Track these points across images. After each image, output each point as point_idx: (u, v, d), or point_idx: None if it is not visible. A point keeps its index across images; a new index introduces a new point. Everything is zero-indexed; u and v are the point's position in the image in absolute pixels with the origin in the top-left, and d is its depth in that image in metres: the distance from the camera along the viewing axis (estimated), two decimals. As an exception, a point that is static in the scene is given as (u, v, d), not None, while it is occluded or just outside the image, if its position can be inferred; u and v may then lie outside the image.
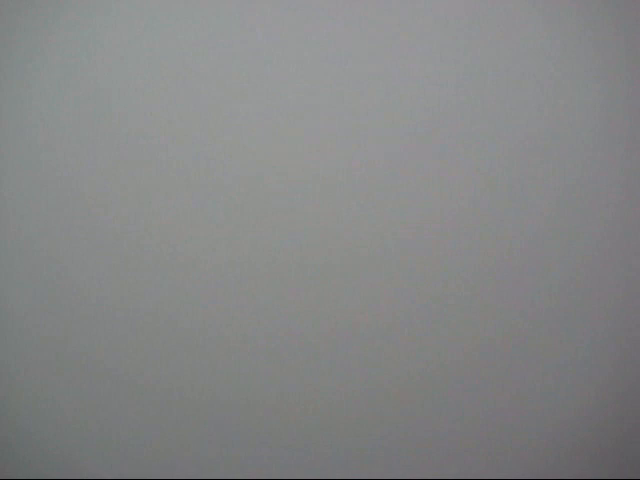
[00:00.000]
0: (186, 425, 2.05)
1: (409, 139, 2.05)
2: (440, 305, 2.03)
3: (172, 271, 2.06)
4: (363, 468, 2.03)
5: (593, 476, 2.01)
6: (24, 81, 2.09)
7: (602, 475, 2.01)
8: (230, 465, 2.05)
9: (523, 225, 2.03)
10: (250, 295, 2.05)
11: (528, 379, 2.02)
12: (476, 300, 2.03)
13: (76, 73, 2.09)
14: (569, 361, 2.02)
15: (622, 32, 2.04)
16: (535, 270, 2.03)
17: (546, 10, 2.05)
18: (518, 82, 2.04)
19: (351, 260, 2.04)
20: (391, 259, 2.04)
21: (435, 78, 2.05)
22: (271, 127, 2.06)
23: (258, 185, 2.06)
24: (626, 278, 2.02)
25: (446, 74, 2.05)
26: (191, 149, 2.07)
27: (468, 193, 2.04)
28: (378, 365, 2.03)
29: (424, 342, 2.03)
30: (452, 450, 2.02)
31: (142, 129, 2.08)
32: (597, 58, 2.04)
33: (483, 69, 2.05)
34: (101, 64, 2.09)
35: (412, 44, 2.06)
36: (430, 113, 2.05)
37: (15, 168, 2.09)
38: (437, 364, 2.03)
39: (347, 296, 2.04)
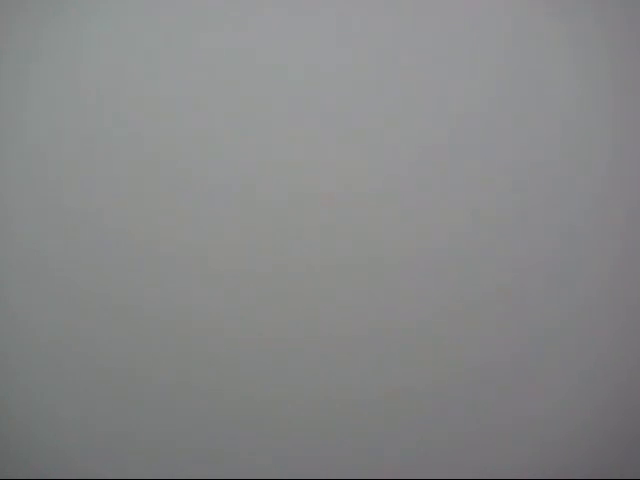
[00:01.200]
0: (188, 425, 2.05)
1: (419, 149, 2.05)
2: (447, 313, 2.03)
3: (174, 270, 2.06)
4: (364, 469, 2.04)
5: (593, 476, 2.01)
6: (22, 81, 2.09)
7: (602, 475, 2.01)
8: (232, 465, 2.05)
9: (534, 240, 2.03)
10: (255, 296, 2.05)
11: (531, 383, 2.02)
12: (484, 309, 2.03)
13: (75, 73, 2.09)
14: (574, 366, 2.02)
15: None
16: (546, 282, 2.03)
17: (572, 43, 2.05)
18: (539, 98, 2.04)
19: (357, 266, 2.04)
20: (402, 267, 2.04)
21: (449, 91, 2.05)
22: (273, 130, 2.06)
23: (261, 187, 2.06)
24: (630, 295, 2.02)
25: (462, 86, 2.05)
26: (193, 150, 2.07)
27: (478, 206, 2.04)
28: (383, 368, 2.03)
29: (426, 347, 2.03)
30: (453, 451, 2.02)
31: (142, 129, 2.08)
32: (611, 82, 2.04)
33: (503, 84, 2.05)
34: (100, 64, 2.09)
35: (428, 59, 2.06)
36: (442, 126, 2.05)
37: (14, 168, 2.09)
38: (443, 369, 2.03)
39: (350, 301, 2.04)
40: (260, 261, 2.05)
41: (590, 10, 2.05)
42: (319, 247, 2.05)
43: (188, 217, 2.06)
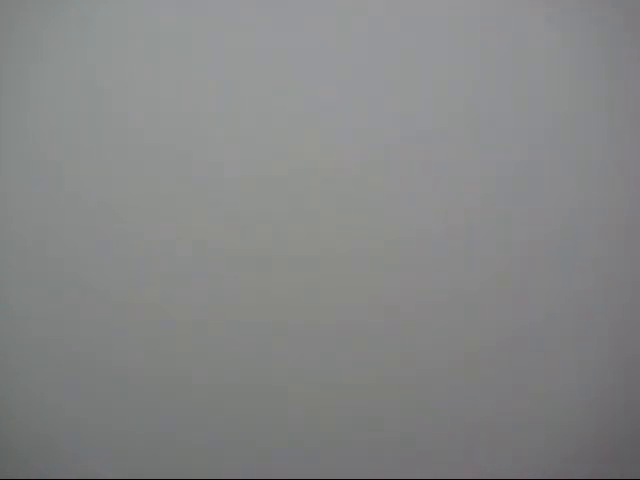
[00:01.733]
0: (188, 424, 2.05)
1: (413, 141, 2.05)
2: (445, 306, 2.03)
3: (175, 268, 2.06)
4: (364, 469, 2.03)
5: (593, 476, 2.01)
6: (22, 81, 2.09)
7: (602, 475, 2.01)
8: (233, 465, 2.04)
9: (529, 230, 2.03)
10: (259, 291, 2.05)
11: (529, 382, 2.02)
12: (480, 303, 2.03)
13: (76, 71, 2.09)
14: (573, 364, 2.02)
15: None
16: (541, 273, 2.03)
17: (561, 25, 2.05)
18: (530, 87, 2.04)
19: (356, 257, 2.04)
20: (401, 257, 2.04)
21: (442, 80, 2.05)
22: (274, 127, 2.06)
23: (263, 185, 2.06)
24: (629, 284, 2.02)
25: (453, 76, 2.05)
26: (193, 150, 2.07)
27: (474, 196, 2.05)
28: (382, 364, 2.03)
29: (425, 342, 2.03)
30: (453, 451, 2.02)
31: (142, 129, 2.08)
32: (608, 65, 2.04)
33: (493, 73, 2.05)
34: (100, 64, 2.09)
35: (420, 48, 2.06)
36: (441, 125, 2.05)
37: (14, 168, 2.09)
38: (440, 365, 2.03)
39: (348, 295, 2.04)
40: (260, 261, 2.05)
41: (590, 11, 2.05)
42: (319, 245, 2.05)
43: (188, 216, 2.06)
